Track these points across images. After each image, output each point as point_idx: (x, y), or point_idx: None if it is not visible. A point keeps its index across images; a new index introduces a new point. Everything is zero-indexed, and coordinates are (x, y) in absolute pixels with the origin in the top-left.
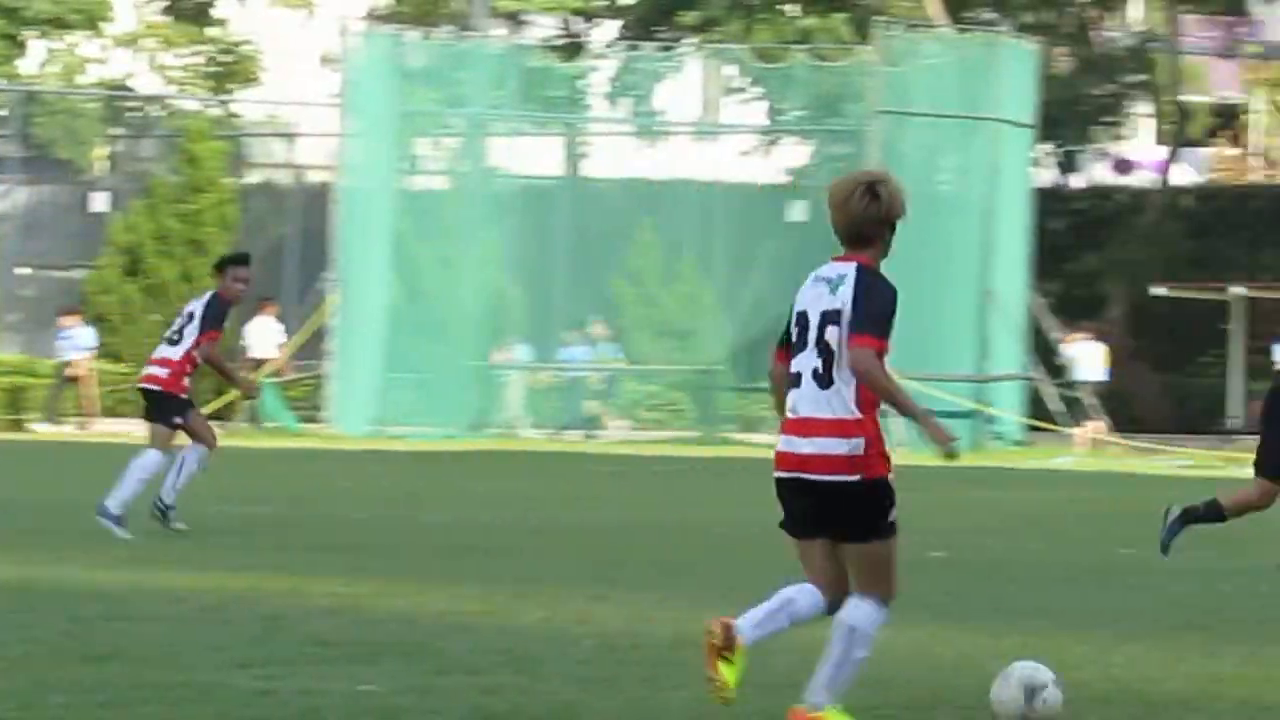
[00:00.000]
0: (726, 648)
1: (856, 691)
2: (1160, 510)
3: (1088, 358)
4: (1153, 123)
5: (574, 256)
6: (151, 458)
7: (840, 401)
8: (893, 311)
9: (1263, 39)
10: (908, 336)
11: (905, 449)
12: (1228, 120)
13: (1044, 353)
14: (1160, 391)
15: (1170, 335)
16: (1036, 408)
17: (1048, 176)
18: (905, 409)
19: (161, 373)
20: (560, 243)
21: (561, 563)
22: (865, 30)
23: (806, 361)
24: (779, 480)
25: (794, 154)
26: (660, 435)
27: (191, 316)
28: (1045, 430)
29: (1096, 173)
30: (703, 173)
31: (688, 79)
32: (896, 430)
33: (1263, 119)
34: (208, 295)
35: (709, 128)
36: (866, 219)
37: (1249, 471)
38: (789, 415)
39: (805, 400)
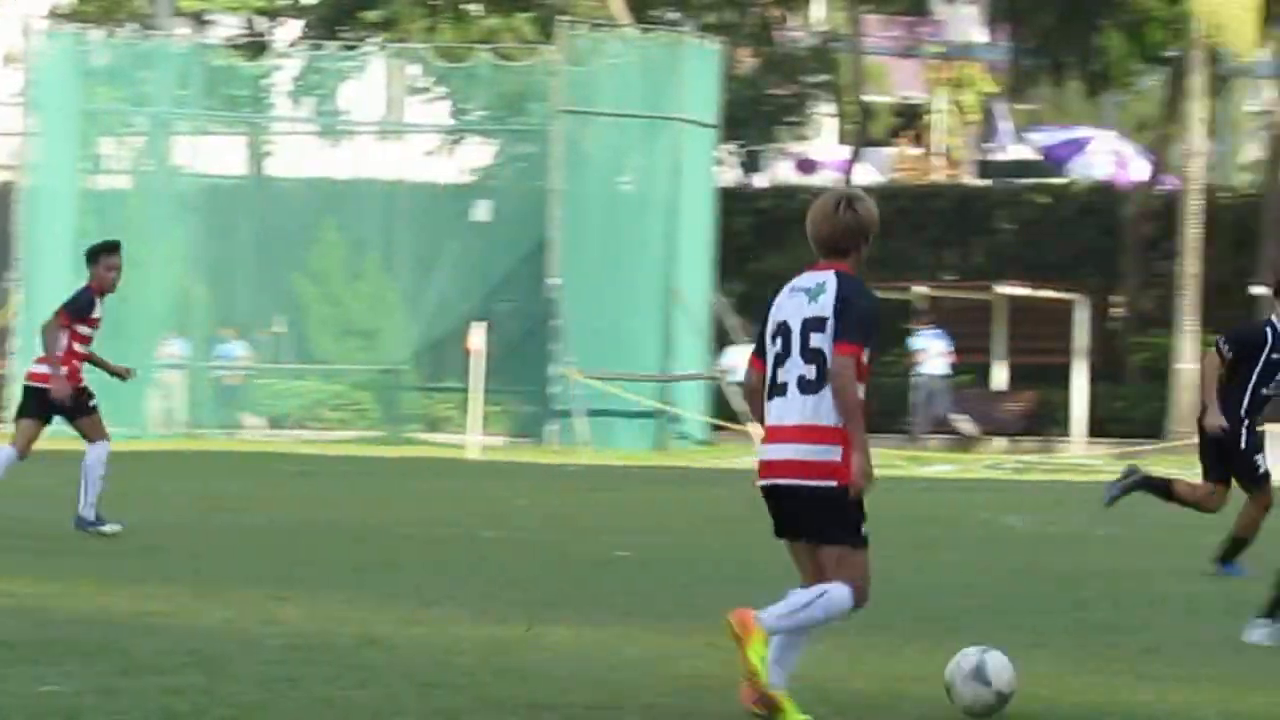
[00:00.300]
0: (744, 640)
1: (540, 690)
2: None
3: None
4: (835, 122)
5: (258, 255)
6: (97, 452)
7: (826, 408)
8: (875, 320)
9: (944, 39)
10: (593, 336)
11: (591, 449)
12: (910, 120)
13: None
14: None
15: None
16: (720, 407)
17: (731, 176)
18: (852, 426)
19: (49, 370)
20: (244, 242)
21: (247, 563)
22: (549, 30)
23: (793, 370)
24: (763, 488)
25: (478, 153)
26: (345, 435)
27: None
28: (729, 430)
29: (780, 172)
30: (387, 172)
31: (371, 78)
32: (581, 430)
33: (945, 119)
34: (81, 286)
35: (393, 127)
36: (846, 230)
37: (934, 469)
38: (772, 423)
39: (790, 408)
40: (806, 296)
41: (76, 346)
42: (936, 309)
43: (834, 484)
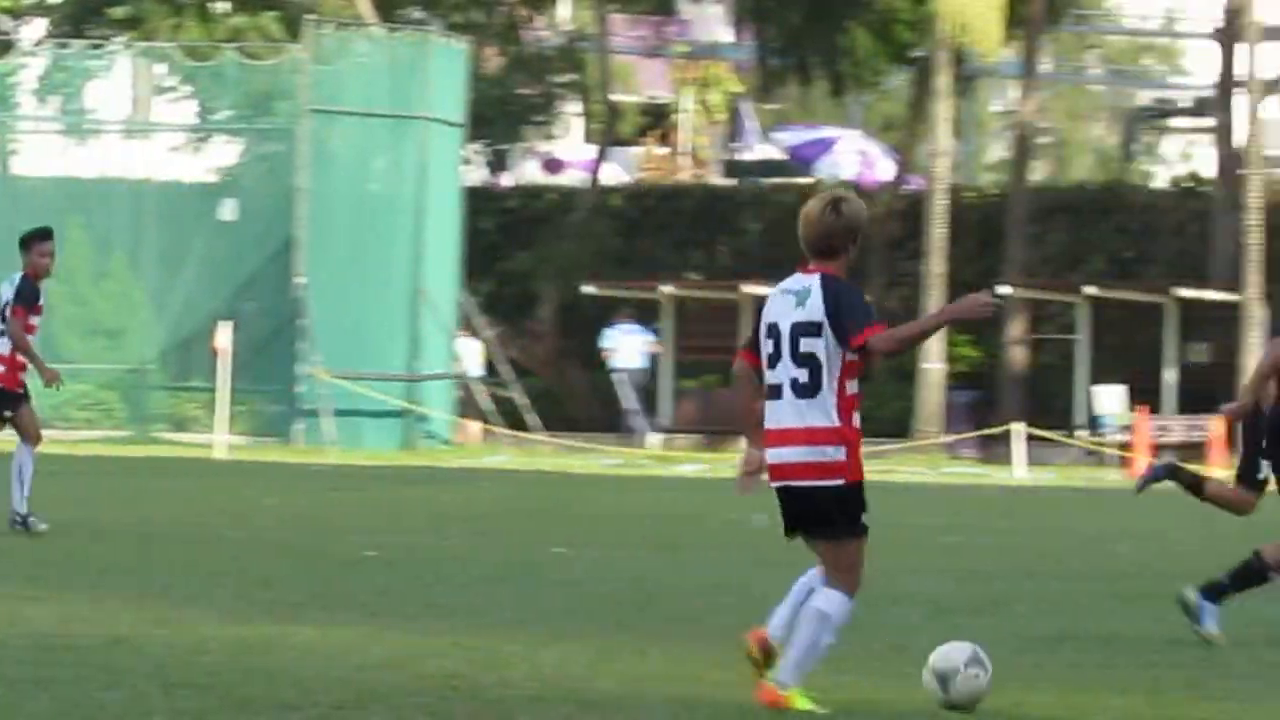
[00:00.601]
0: (767, 664)
1: (288, 690)
2: (588, 511)
3: (471, 354)
4: (582, 122)
5: (3, 255)
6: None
7: (823, 410)
8: (866, 302)
9: (690, 38)
10: (340, 335)
11: (339, 448)
12: (657, 120)
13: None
14: (591, 390)
15: (601, 334)
16: (468, 407)
17: (478, 175)
18: (934, 327)
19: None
20: None
21: None
22: (296, 29)
23: (785, 373)
24: (776, 490)
25: (225, 152)
26: (91, 435)
27: (6, 301)
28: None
29: (527, 172)
30: (133, 171)
31: (117, 77)
32: (328, 429)
33: (691, 118)
34: (17, 276)
35: (139, 126)
36: (833, 231)
37: (683, 469)
38: (771, 427)
39: (786, 411)
40: (795, 299)
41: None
42: (682, 308)
43: (841, 482)
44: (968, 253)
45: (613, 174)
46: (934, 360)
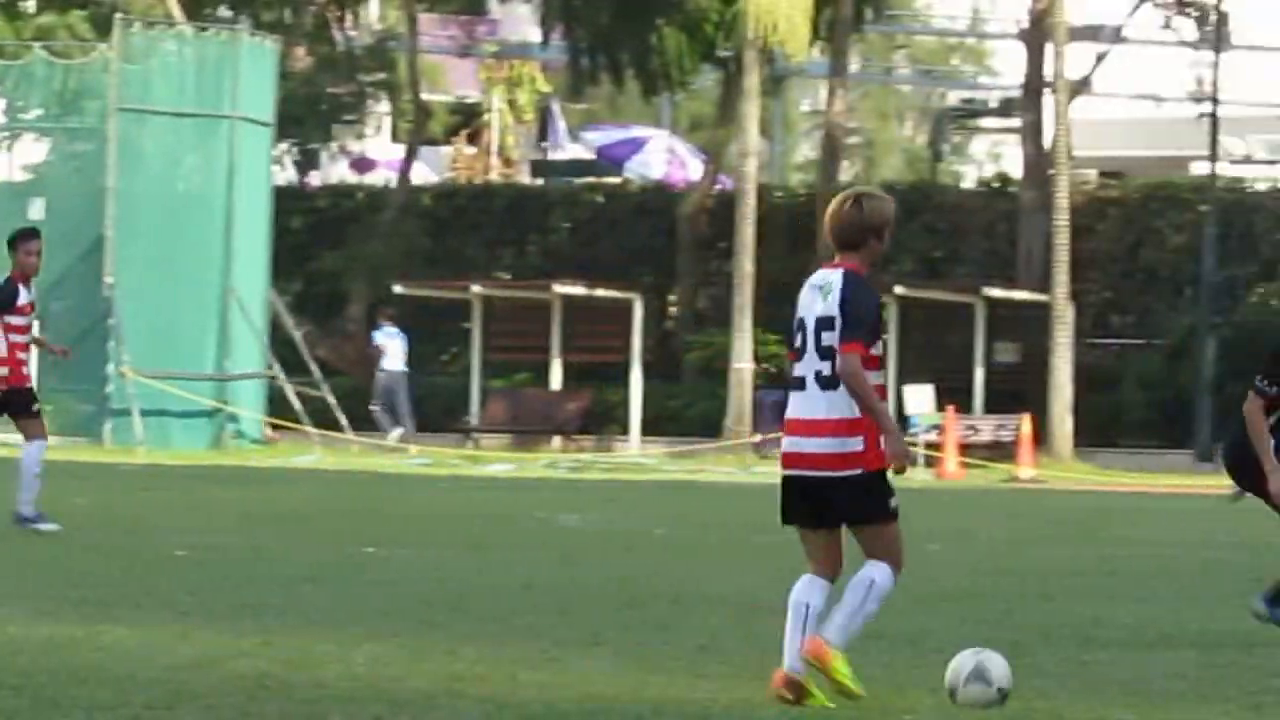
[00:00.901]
0: (799, 700)
1: (99, 691)
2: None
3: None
4: (392, 121)
5: None
6: (33, 450)
7: (844, 401)
8: (878, 317)
9: (500, 38)
10: (150, 335)
11: (148, 448)
12: (467, 119)
13: (284, 351)
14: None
15: (411, 333)
16: (279, 406)
17: (288, 175)
18: (877, 416)
19: (3, 371)
20: None
21: None
22: (105, 27)
23: (809, 365)
24: (786, 478)
25: (33, 151)
26: None
27: None
28: (288, 429)
29: (337, 171)
30: None
31: None
32: (138, 429)
33: (501, 118)
34: (3, 278)
35: None
36: (853, 225)
37: (492, 468)
38: (792, 417)
39: (808, 402)
40: (820, 294)
41: (14, 339)
42: (491, 308)
43: (860, 471)
44: (777, 252)
45: (422, 173)
46: (744, 360)
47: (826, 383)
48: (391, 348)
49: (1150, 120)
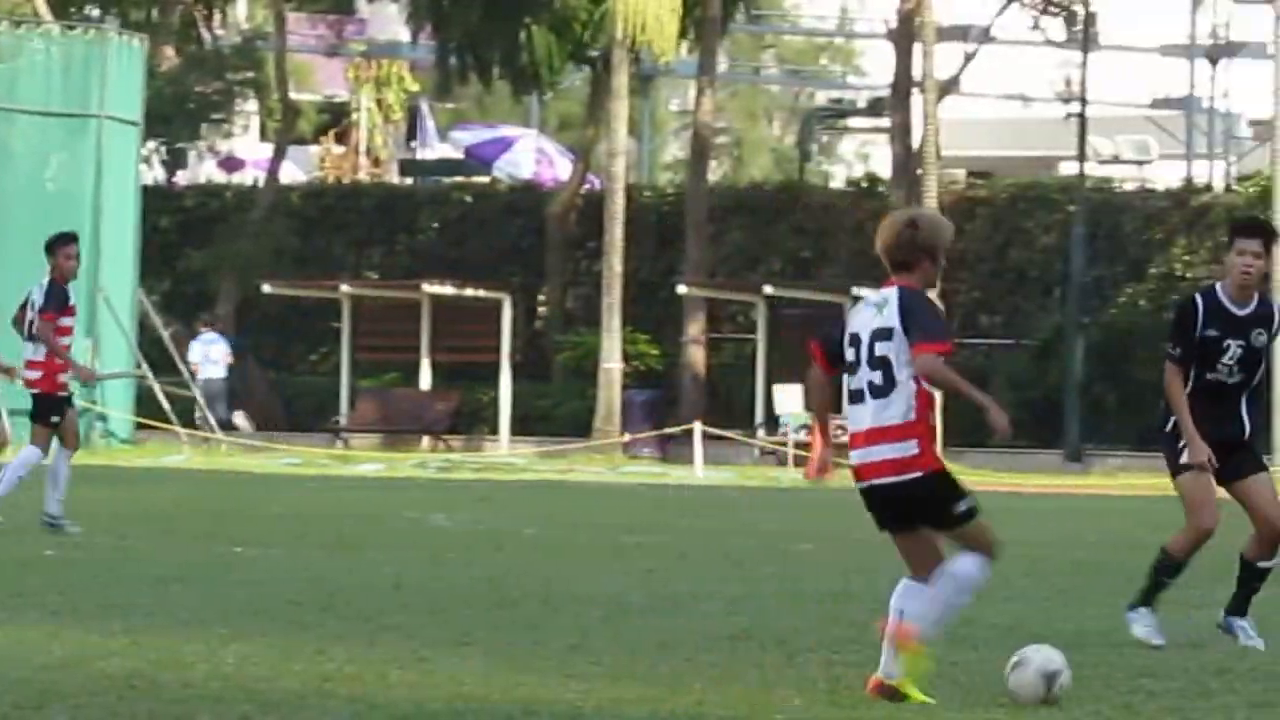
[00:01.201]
0: (894, 697)
1: None
2: (268, 511)
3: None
4: (260, 120)
5: None
6: (30, 454)
7: (897, 409)
8: (942, 316)
9: (368, 37)
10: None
11: (13, 448)
12: (335, 119)
13: (153, 351)
14: (271, 389)
15: (280, 333)
16: (148, 406)
17: (155, 174)
18: (971, 398)
19: (33, 375)
20: None
21: None
22: None
23: (863, 377)
24: (861, 491)
25: None
26: None
27: (35, 306)
28: (156, 428)
29: (205, 170)
30: None
31: None
32: (6, 428)
33: (369, 117)
34: (46, 281)
35: None
36: (904, 245)
37: (362, 468)
38: (855, 429)
39: (867, 413)
40: (875, 310)
41: (64, 340)
42: (360, 307)
43: (919, 474)
44: (646, 252)
45: (290, 173)
46: (614, 360)
47: (878, 391)
48: (213, 354)
49: (1018, 120)
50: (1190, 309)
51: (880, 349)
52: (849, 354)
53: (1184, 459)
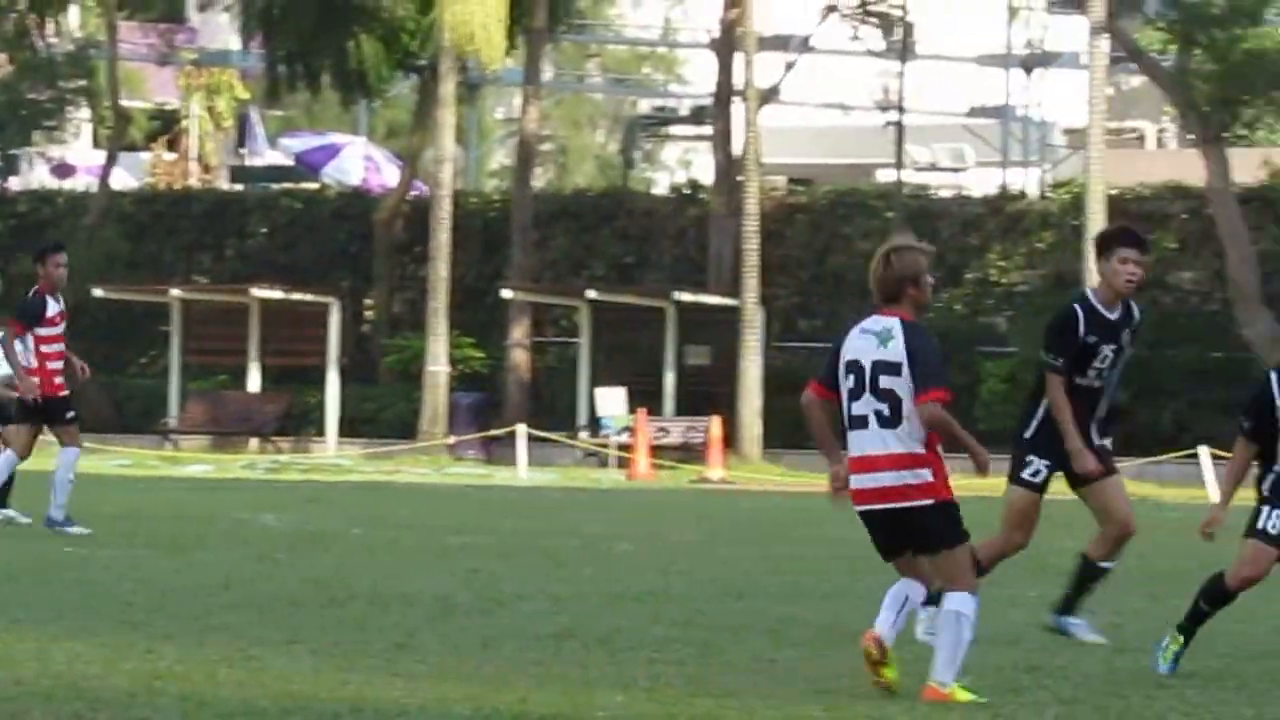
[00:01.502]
0: (882, 660)
1: None
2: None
3: None
4: (92, 127)
5: None
6: (67, 456)
7: (908, 438)
8: (941, 359)
9: (199, 45)
10: None
11: None
12: (166, 125)
13: None
14: (101, 392)
15: (111, 337)
16: None
17: None
18: (961, 441)
19: (35, 381)
20: None
21: None
22: None
23: (868, 406)
24: (861, 514)
25: None
26: None
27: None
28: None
29: (37, 176)
30: None
31: None
32: None
33: (200, 124)
34: (32, 291)
35: None
36: (888, 280)
37: (191, 469)
38: (857, 454)
39: (872, 440)
40: (876, 340)
41: (45, 349)
42: (190, 311)
43: (932, 501)
44: (472, 257)
45: (122, 179)
46: (439, 363)
47: (886, 421)
48: None
49: (838, 128)
50: (1072, 318)
51: (885, 382)
52: (848, 380)
53: (1026, 474)
